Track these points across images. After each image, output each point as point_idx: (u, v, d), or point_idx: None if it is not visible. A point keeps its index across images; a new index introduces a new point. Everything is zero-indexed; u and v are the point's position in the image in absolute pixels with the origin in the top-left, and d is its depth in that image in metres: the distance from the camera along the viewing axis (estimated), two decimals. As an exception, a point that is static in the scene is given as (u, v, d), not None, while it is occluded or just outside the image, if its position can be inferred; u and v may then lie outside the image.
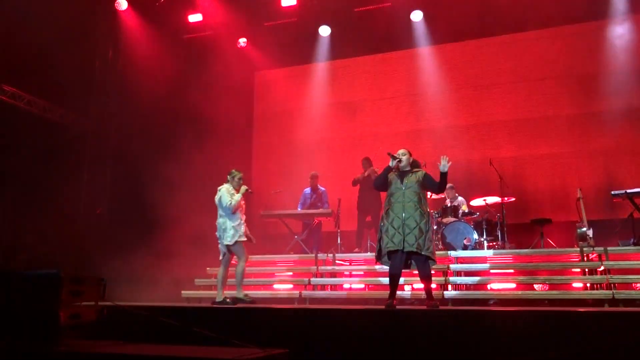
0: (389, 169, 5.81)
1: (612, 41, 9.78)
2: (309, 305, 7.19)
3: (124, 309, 5.31)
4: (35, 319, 4.06)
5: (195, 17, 10.77)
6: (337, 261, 8.03)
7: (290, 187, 9.82)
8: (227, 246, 6.70)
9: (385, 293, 7.03)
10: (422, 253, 5.52)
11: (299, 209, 9.20)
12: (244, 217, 6.87)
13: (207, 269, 8.43)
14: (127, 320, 5.35)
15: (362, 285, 7.78)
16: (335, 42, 11.19)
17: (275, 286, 8.22)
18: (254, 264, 8.72)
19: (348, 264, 8.10)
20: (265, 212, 9.10)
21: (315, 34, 11.16)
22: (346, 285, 7.85)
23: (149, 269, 8.40)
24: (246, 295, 6.74)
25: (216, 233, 6.87)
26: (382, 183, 5.83)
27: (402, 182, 5.72)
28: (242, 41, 11.32)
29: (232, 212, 6.71)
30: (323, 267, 7.98)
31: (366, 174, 8.94)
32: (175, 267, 8.59)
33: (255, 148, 11.74)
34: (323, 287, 7.84)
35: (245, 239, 6.77)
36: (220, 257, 6.84)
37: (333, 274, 7.97)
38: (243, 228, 6.78)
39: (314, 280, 7.82)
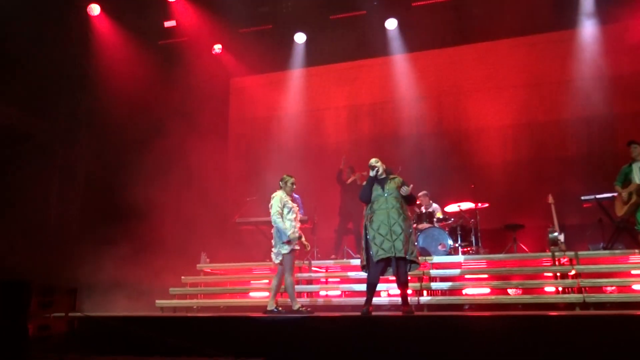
0: (372, 180, 5.85)
1: (581, 50, 10.02)
2: (285, 313, 7.13)
3: (96, 319, 5.21)
4: (3, 331, 3.94)
5: (169, 23, 10.68)
6: (313, 268, 8.01)
7: (266, 194, 9.76)
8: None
9: (363, 300, 7.09)
10: (409, 258, 5.58)
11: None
12: (297, 228, 6.41)
13: (182, 277, 8.34)
14: (99, 332, 5.24)
15: (339, 292, 7.77)
16: (310, 49, 11.21)
17: (252, 294, 8.16)
18: (229, 272, 8.66)
19: (324, 271, 8.09)
20: (240, 219, 9.03)
21: (290, 41, 11.17)
22: (323, 293, 7.83)
23: (122, 279, 8.26)
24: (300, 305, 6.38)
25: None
26: (368, 195, 5.84)
27: (383, 189, 5.77)
28: (217, 47, 11.26)
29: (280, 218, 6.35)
30: (299, 275, 7.95)
31: (349, 180, 8.93)
32: (149, 276, 8.47)
33: (230, 154, 11.67)
34: (299, 294, 7.80)
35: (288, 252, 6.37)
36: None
37: (309, 281, 7.95)
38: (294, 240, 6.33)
39: (282, 287, 7.77)
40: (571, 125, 9.83)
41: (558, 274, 7.21)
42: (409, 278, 5.95)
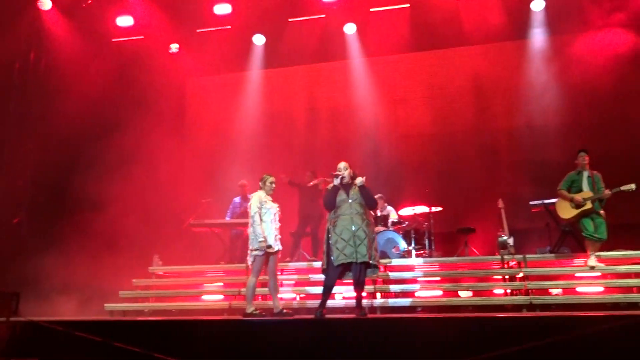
0: (336, 188, 5.88)
1: (531, 60, 10.36)
2: (238, 316, 7.07)
3: (39, 324, 5.02)
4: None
5: (124, 21, 10.46)
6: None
7: (221, 196, 9.66)
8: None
9: (316, 303, 7.09)
10: (373, 262, 5.65)
11: (228, 218, 9.05)
12: (276, 230, 6.33)
13: (133, 280, 8.14)
14: (43, 337, 5.06)
15: (294, 295, 7.75)
16: (269, 52, 11.17)
17: (204, 297, 8.05)
18: (182, 275, 8.52)
19: (279, 273, 8.04)
20: (195, 221, 8.89)
21: (249, 43, 11.11)
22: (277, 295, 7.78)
23: (69, 281, 8.01)
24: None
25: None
26: (332, 202, 5.87)
27: (347, 194, 5.82)
28: (174, 47, 11.09)
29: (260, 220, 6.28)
30: (254, 277, 7.88)
31: (311, 183, 8.90)
32: (99, 279, 8.25)
33: (186, 155, 11.47)
34: (254, 297, 7.73)
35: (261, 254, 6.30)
36: None
37: (264, 284, 7.89)
38: (271, 240, 6.25)
39: (244, 290, 7.70)
40: (521, 132, 10.13)
41: (507, 277, 7.40)
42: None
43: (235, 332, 5.15)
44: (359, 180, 5.77)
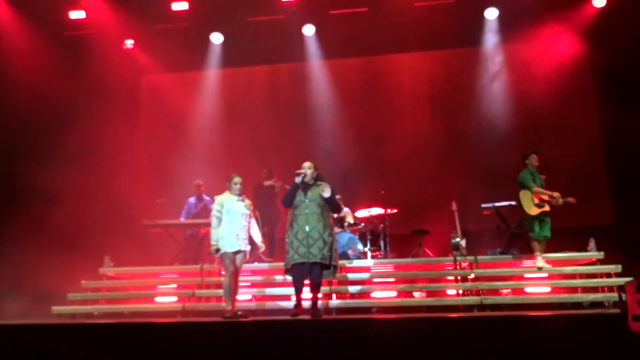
0: (296, 187, 5.89)
1: (484, 66, 10.66)
2: (193, 318, 6.98)
3: (-19, 328, 4.81)
4: None
5: (77, 14, 10.14)
6: (222, 272, 7.87)
7: (176, 196, 9.50)
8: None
9: (273, 304, 7.09)
10: (326, 263, 5.67)
11: (183, 219, 8.91)
12: (236, 230, 6.20)
13: (83, 282, 7.90)
14: (-16, 341, 4.84)
15: (250, 297, 7.70)
16: (227, 51, 11.05)
17: (157, 299, 7.89)
18: (135, 276, 8.33)
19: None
20: (149, 221, 8.70)
21: (207, 41, 10.96)
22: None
23: (13, 282, 7.71)
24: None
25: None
26: (290, 200, 5.89)
27: (305, 194, 5.83)
28: (129, 43, 10.82)
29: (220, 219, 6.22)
30: (209, 279, 7.80)
31: (267, 183, 8.85)
32: (46, 280, 7.97)
33: (140, 154, 11.22)
34: (208, 299, 7.66)
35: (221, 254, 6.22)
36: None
37: (219, 286, 7.81)
38: (223, 240, 6.15)
39: (198, 292, 7.62)
40: (474, 136, 10.40)
41: (459, 278, 7.58)
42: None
43: (189, 335, 5.06)
44: (327, 191, 5.80)
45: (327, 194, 5.79)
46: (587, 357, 4.33)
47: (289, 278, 6.03)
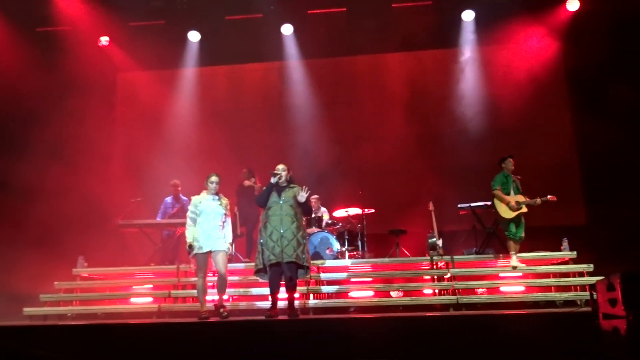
0: (272, 186, 5.95)
1: (461, 68, 10.78)
2: (168, 319, 6.90)
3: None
4: None
5: (50, 9, 9.94)
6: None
7: (152, 196, 9.37)
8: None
9: (251, 304, 7.05)
10: (300, 263, 5.74)
11: (159, 219, 8.80)
12: (209, 230, 6.12)
13: (55, 283, 7.74)
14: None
15: (226, 297, 7.64)
16: (204, 49, 10.96)
17: (133, 300, 7.78)
18: (109, 277, 8.20)
19: (211, 274, 7.90)
20: (123, 221, 8.56)
21: (184, 39, 10.86)
22: (209, 297, 7.65)
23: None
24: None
25: None
26: (265, 200, 5.95)
27: (279, 196, 5.90)
28: (104, 40, 10.66)
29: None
30: (185, 279, 7.72)
31: (247, 184, 8.78)
32: (17, 281, 7.79)
33: (115, 152, 11.06)
34: (185, 299, 7.58)
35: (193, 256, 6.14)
36: None
37: (196, 286, 7.73)
38: (198, 241, 6.09)
39: (174, 292, 7.54)
40: (451, 137, 10.50)
41: (435, 277, 7.64)
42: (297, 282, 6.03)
43: (165, 336, 5.01)
44: (302, 196, 5.85)
45: (302, 198, 5.85)
46: (559, 354, 4.41)
47: (259, 279, 6.09)
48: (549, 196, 7.28)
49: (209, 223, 6.11)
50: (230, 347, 4.81)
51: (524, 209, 7.30)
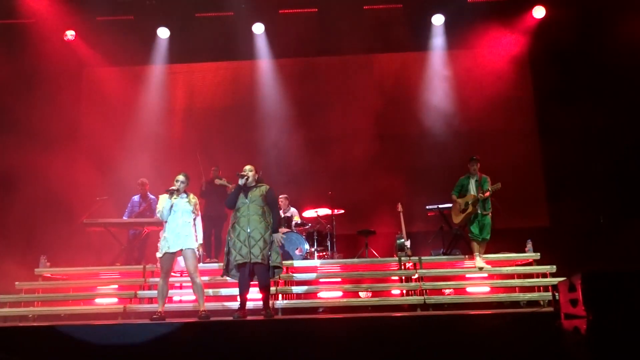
0: (240, 188, 5.97)
1: (432, 71, 10.90)
2: (134, 320, 6.78)
3: None
4: None
5: (14, 1, 9.67)
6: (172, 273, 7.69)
7: (117, 194, 9.20)
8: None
9: (217, 304, 6.98)
10: (267, 264, 5.76)
11: (125, 217, 8.64)
12: (178, 228, 5.99)
13: (16, 283, 7.51)
14: None
15: (194, 297, 7.55)
16: (174, 46, 10.82)
17: (98, 300, 7.62)
18: (73, 277, 8.01)
19: (179, 275, 7.81)
20: (88, 220, 8.37)
21: (153, 35, 10.69)
22: (176, 298, 7.56)
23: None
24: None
25: None
26: (233, 202, 5.97)
27: (246, 196, 5.92)
28: (70, 34, 10.41)
29: (164, 220, 6.03)
30: (152, 279, 7.60)
31: (218, 182, 8.66)
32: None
33: (81, 149, 10.79)
34: (151, 300, 7.46)
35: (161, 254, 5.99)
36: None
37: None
38: (166, 240, 5.97)
39: (141, 293, 7.41)
40: (419, 139, 10.61)
41: (403, 278, 7.72)
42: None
43: (130, 337, 4.91)
44: (279, 239, 5.93)
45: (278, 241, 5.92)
46: (522, 353, 4.51)
47: (229, 279, 6.10)
48: (490, 187, 7.37)
49: (177, 221, 6.03)
50: (198, 347, 4.77)
51: (470, 209, 7.44)
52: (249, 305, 6.28)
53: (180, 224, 6.02)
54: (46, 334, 5.06)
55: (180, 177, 6.14)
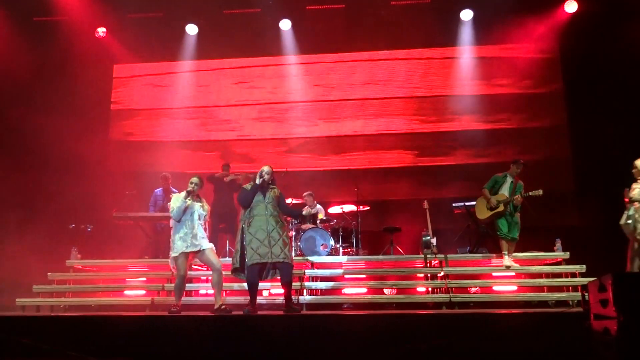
0: (256, 187, 5.93)
1: (461, 67, 10.77)
2: (161, 312, 6.89)
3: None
4: None
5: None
6: (193, 266, 7.80)
7: (146, 189, 9.35)
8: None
9: (243, 298, 7.03)
10: (289, 262, 5.76)
11: (151, 211, 8.76)
12: (194, 230, 6.02)
13: (49, 274, 7.71)
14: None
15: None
16: (202, 43, 10.93)
17: (126, 292, 7.77)
18: (103, 269, 8.18)
19: (205, 269, 7.90)
20: (117, 213, 8.53)
21: (181, 32, 10.83)
22: (202, 291, 7.66)
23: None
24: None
25: None
26: (250, 200, 5.91)
27: (264, 196, 5.92)
28: (101, 31, 10.63)
29: (176, 220, 6.05)
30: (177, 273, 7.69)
31: (228, 178, 8.73)
32: (10, 272, 7.77)
33: (111, 144, 11.02)
34: (177, 293, 7.55)
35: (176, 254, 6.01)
36: None
37: (187, 280, 7.71)
38: (183, 240, 6.00)
39: (168, 286, 7.52)
40: (446, 136, 10.51)
41: (429, 275, 7.66)
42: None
43: (158, 329, 5.01)
44: (307, 211, 5.88)
45: (306, 213, 5.93)
46: (550, 354, 4.44)
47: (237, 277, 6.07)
48: (530, 192, 7.28)
49: (193, 222, 6.06)
50: (222, 341, 4.82)
51: (500, 208, 7.32)
52: (264, 300, 6.28)
53: (196, 225, 6.07)
54: (77, 323, 5.20)
55: (195, 180, 6.17)
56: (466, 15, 10.50)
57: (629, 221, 6.57)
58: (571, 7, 10.06)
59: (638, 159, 6.75)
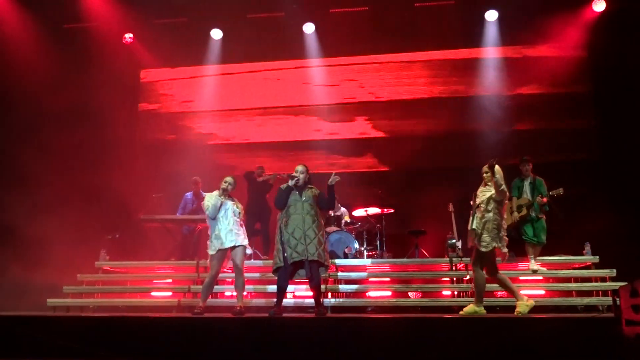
0: (290, 189, 5.96)
1: (486, 68, 10.66)
2: (188, 314, 6.97)
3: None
4: None
5: (77, 6, 10.14)
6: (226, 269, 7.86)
7: (173, 191, 9.47)
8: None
9: (269, 301, 7.07)
10: (321, 262, 5.78)
11: (179, 214, 8.87)
12: (230, 226, 6.11)
13: (78, 275, 7.88)
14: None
15: (245, 293, 7.68)
16: (226, 47, 11.04)
17: (153, 294, 7.88)
18: (131, 270, 8.32)
19: (230, 271, 7.96)
20: (145, 216, 8.67)
21: (206, 37, 10.95)
22: (228, 293, 7.72)
23: (11, 276, 7.68)
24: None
25: None
26: (284, 202, 5.95)
27: (300, 194, 5.94)
28: (128, 36, 10.82)
29: (212, 217, 6.14)
30: (205, 274, 7.77)
31: (261, 179, 8.77)
32: (42, 273, 7.95)
33: (137, 148, 11.19)
34: (203, 294, 7.63)
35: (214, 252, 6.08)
36: None
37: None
38: (219, 238, 6.05)
39: (194, 287, 7.61)
40: (471, 137, 10.39)
41: (454, 279, 7.59)
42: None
43: (184, 330, 5.07)
44: (332, 178, 5.87)
45: (333, 181, 5.87)
46: (580, 360, 4.36)
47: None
48: (551, 192, 7.17)
49: (229, 219, 6.13)
50: (247, 343, 4.86)
51: (523, 212, 7.22)
52: (288, 302, 6.29)
53: (232, 222, 6.12)
54: (106, 324, 5.29)
55: (229, 179, 6.24)
56: (491, 15, 10.39)
57: None
58: (599, 6, 9.88)
59: None
